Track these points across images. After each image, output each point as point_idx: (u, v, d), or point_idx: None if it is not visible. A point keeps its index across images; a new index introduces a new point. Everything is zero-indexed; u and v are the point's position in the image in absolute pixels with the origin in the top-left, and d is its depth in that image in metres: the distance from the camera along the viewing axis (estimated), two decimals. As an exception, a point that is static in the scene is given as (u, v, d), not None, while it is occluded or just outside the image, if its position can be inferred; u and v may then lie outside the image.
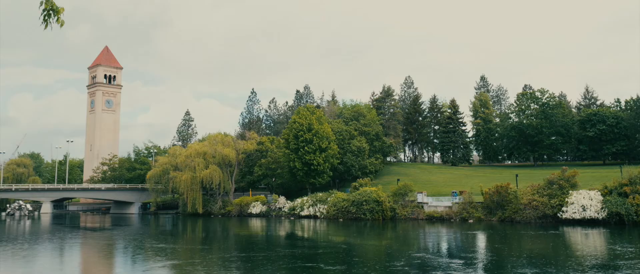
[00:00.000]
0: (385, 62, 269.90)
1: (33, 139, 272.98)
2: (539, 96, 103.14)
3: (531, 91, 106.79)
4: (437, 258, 32.86)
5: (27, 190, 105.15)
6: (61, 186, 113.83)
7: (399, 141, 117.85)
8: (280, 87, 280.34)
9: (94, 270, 32.33)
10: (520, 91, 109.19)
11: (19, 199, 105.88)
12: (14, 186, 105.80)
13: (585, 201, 57.30)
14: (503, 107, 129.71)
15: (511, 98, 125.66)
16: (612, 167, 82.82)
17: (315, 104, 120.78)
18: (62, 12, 9.23)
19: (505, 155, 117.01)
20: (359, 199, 71.76)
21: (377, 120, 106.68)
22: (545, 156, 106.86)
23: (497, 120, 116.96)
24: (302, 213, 79.12)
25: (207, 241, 50.46)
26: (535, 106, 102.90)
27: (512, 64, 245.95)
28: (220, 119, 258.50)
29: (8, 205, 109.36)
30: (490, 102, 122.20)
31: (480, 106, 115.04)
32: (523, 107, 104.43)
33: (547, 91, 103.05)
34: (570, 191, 59.28)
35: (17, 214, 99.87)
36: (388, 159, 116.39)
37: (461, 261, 30.84)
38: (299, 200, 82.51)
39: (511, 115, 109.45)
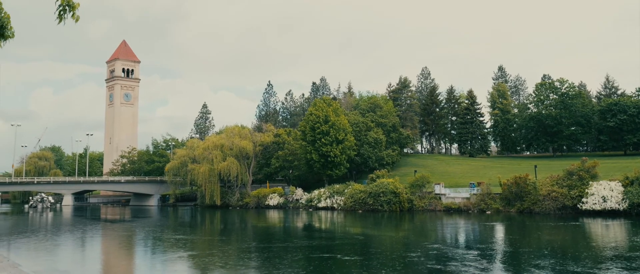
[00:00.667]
0: (401, 54, 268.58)
1: (54, 133, 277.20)
2: (558, 86, 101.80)
3: (550, 81, 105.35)
4: (454, 249, 32.82)
5: (48, 183, 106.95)
6: (82, 178, 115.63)
7: (416, 133, 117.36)
8: (296, 80, 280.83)
9: (114, 260, 32.88)
10: (539, 81, 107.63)
11: (41, 192, 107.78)
12: (36, 179, 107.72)
13: (605, 192, 56.61)
14: (521, 98, 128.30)
15: (530, 88, 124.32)
16: (633, 158, 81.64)
17: (331, 96, 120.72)
18: (78, 7, 9.36)
19: (523, 146, 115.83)
20: (376, 190, 71.75)
21: (394, 111, 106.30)
22: (564, 147, 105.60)
23: (516, 111, 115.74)
24: (320, 205, 79.38)
25: (225, 232, 50.93)
26: (555, 96, 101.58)
27: (531, 54, 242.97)
28: (237, 112, 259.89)
29: (31, 197, 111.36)
30: (509, 93, 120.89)
31: (498, 97, 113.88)
32: (542, 97, 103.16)
33: (567, 80, 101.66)
34: (591, 182, 58.59)
35: (39, 206, 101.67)
36: (405, 150, 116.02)
37: (479, 253, 30.76)
38: (316, 192, 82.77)
39: (530, 105, 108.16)
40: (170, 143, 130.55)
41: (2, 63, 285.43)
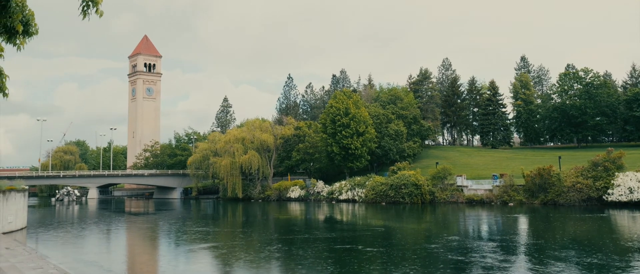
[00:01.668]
0: (422, 45, 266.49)
1: (78, 127, 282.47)
2: (583, 76, 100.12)
3: (574, 70, 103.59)
4: (477, 242, 32.64)
5: (74, 176, 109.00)
6: (106, 172, 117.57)
7: (437, 124, 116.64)
8: (316, 72, 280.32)
9: (139, 252, 33.43)
10: (563, 70, 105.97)
11: (67, 186, 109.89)
12: (62, 173, 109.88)
13: (632, 183, 55.63)
14: (544, 88, 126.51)
15: (553, 78, 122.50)
16: (660, 148, 79.90)
17: (351, 89, 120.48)
18: (101, 2, 9.49)
19: (547, 137, 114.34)
20: (397, 182, 71.56)
21: (415, 103, 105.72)
22: (589, 137, 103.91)
23: (539, 101, 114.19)
24: (341, 197, 79.51)
25: (248, 224, 51.36)
26: (579, 86, 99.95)
27: (554, 43, 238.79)
28: (257, 105, 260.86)
29: (57, 191, 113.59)
30: (531, 83, 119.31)
31: (521, 87, 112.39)
32: (566, 87, 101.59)
33: (591, 70, 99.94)
34: (616, 173, 57.59)
35: (65, 199, 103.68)
36: (426, 142, 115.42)
37: (502, 245, 30.55)
38: (337, 184, 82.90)
39: (553, 96, 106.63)
40: (192, 137, 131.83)
41: (27, 59, 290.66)
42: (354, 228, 43.89)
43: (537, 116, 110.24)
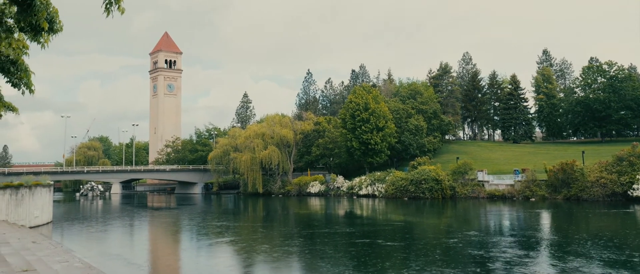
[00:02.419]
0: (441, 39, 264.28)
1: (101, 124, 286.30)
2: (607, 69, 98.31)
3: (598, 63, 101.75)
4: (497, 237, 32.40)
5: (97, 172, 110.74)
6: (129, 167, 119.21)
7: (457, 119, 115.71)
8: (335, 68, 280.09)
9: (162, 245, 33.90)
10: (586, 64, 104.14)
11: (91, 181, 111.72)
12: (85, 168, 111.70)
13: (657, 177, 54.57)
14: (567, 82, 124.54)
15: (576, 72, 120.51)
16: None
17: (371, 83, 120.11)
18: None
19: (570, 131, 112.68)
20: (417, 178, 71.28)
21: (435, 98, 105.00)
22: (613, 132, 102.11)
23: (561, 95, 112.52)
24: (361, 192, 79.48)
25: (268, 219, 51.68)
26: (603, 79, 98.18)
27: (577, 37, 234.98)
28: (277, 101, 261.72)
29: (81, 186, 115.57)
30: (554, 77, 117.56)
31: (543, 81, 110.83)
32: (589, 81, 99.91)
33: (616, 63, 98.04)
34: (642, 168, 56.57)
35: (90, 194, 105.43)
36: (447, 137, 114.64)
37: (523, 240, 30.29)
38: (357, 179, 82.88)
39: (576, 89, 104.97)
40: (212, 132, 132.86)
41: (51, 57, 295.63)
42: (374, 223, 43.88)
43: (560, 110, 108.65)
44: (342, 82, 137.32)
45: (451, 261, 23.37)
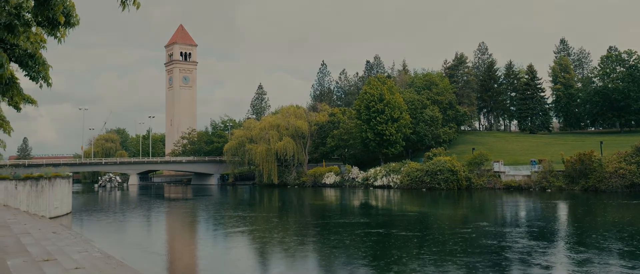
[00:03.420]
0: (457, 30, 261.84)
1: (118, 116, 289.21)
2: (626, 58, 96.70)
3: (617, 52, 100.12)
4: (513, 228, 32.27)
5: (115, 163, 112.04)
6: (146, 159, 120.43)
7: (473, 110, 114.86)
8: (350, 59, 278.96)
9: (180, 235, 34.33)
10: (605, 53, 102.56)
11: (108, 172, 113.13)
12: (103, 160, 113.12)
13: (677, 168, 53.77)
14: (585, 72, 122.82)
15: (594, 61, 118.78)
16: None
17: (385, 74, 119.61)
18: (139, -7, 9.73)
19: (588, 121, 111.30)
20: (432, 168, 71.05)
21: (450, 88, 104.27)
22: (632, 122, 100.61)
23: (579, 85, 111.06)
24: (376, 183, 79.47)
25: (283, 209, 51.98)
26: (622, 68, 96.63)
27: (595, 25, 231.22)
28: (291, 92, 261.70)
29: (100, 177, 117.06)
30: (572, 66, 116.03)
31: (561, 71, 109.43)
32: (608, 70, 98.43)
33: (635, 52, 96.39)
34: (661, 158, 55.79)
35: (108, 185, 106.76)
36: (462, 128, 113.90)
37: (540, 231, 30.14)
38: (372, 170, 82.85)
39: (595, 79, 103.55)
40: (227, 124, 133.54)
41: (69, 50, 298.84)
42: (389, 214, 43.93)
43: (578, 100, 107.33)
44: (357, 73, 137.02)
45: (466, 250, 23.34)
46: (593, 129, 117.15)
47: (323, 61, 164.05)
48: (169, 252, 27.14)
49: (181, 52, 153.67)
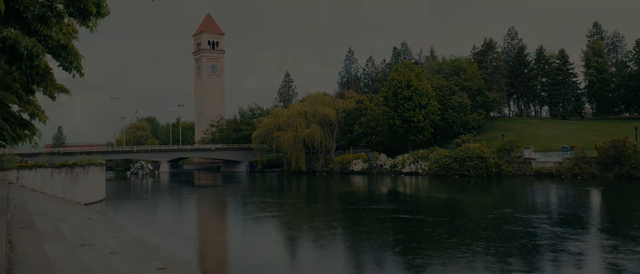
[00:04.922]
0: (485, 15, 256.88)
1: (149, 105, 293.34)
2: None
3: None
4: (544, 215, 31.83)
5: (146, 151, 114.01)
6: (175, 147, 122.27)
7: (502, 95, 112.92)
8: (377, 46, 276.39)
9: (211, 220, 34.94)
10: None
11: (140, 160, 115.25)
12: (135, 148, 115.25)
13: None
14: (619, 56, 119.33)
15: (629, 45, 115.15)
16: None
17: (413, 61, 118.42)
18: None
19: (622, 107, 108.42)
20: (461, 155, 70.39)
21: (479, 74, 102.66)
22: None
23: (613, 69, 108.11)
24: (404, 170, 79.17)
25: (312, 195, 52.28)
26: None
27: (629, 8, 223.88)
28: (318, 79, 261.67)
29: (131, 165, 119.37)
30: (605, 51, 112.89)
31: (594, 55, 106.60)
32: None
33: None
34: (699, 144, 54.14)
35: (139, 173, 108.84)
36: (491, 114, 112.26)
37: (571, 218, 29.69)
38: (400, 157, 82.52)
39: (629, 63, 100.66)
40: (255, 112, 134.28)
41: (101, 40, 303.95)
42: (418, 200, 43.80)
43: (611, 85, 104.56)
44: (384, 60, 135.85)
45: (493, 237, 23.14)
46: (627, 114, 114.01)
47: (350, 48, 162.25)
48: (200, 237, 27.66)
49: (209, 41, 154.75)
